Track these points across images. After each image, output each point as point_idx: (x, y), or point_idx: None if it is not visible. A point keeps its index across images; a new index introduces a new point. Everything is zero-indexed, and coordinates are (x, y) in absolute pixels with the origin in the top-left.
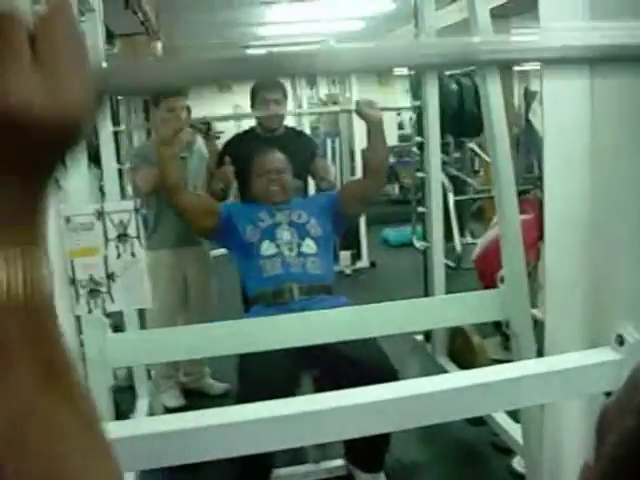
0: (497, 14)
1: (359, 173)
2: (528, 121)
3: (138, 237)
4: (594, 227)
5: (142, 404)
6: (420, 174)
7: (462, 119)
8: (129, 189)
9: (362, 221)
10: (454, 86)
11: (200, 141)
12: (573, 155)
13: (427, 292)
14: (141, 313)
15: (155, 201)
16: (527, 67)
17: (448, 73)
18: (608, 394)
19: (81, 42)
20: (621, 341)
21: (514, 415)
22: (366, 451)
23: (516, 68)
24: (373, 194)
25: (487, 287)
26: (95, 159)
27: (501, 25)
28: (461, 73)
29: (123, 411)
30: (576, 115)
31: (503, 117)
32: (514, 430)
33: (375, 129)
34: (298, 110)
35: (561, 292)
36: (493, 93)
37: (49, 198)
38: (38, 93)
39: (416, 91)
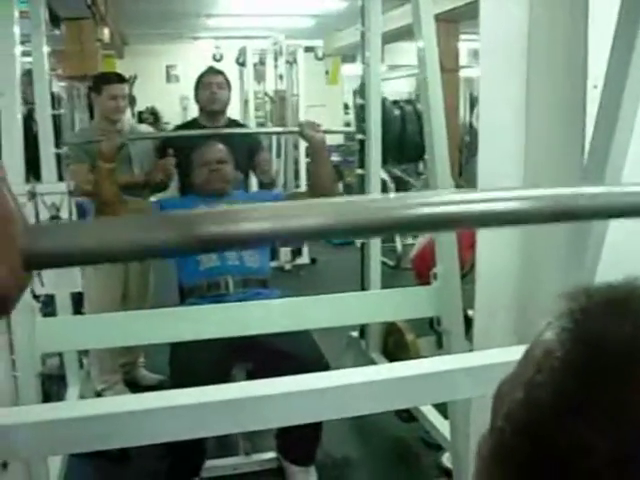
0: (445, 19)
1: (303, 169)
2: (472, 125)
3: (70, 220)
4: (524, 231)
5: (72, 392)
6: (360, 171)
7: (404, 145)
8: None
9: None
10: (396, 112)
11: (143, 128)
12: (506, 157)
13: (364, 288)
14: (76, 301)
15: None
16: (472, 74)
17: (391, 99)
18: None
19: (9, 215)
20: None
21: (444, 411)
22: (297, 444)
23: (462, 75)
24: None
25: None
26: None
27: (451, 30)
28: (404, 100)
29: (53, 400)
30: (511, 117)
31: (442, 117)
32: (443, 426)
33: (318, 150)
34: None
35: (491, 291)
36: (433, 92)
37: None
38: None
39: (361, 89)
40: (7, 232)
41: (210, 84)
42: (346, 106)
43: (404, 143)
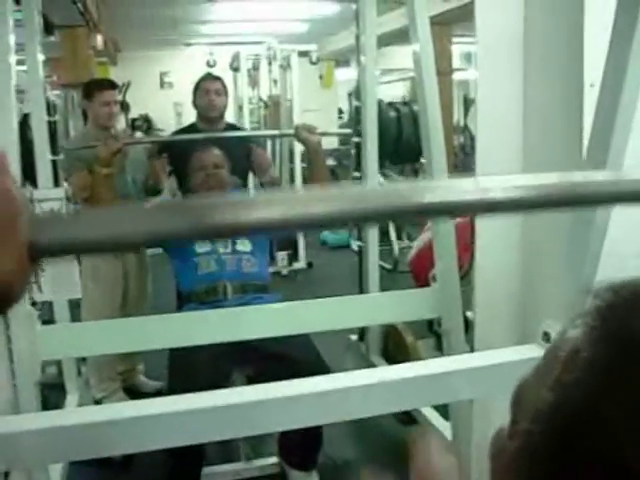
0: (438, 22)
1: (298, 174)
2: (466, 126)
3: None
4: (523, 230)
5: (71, 400)
6: (356, 174)
7: (400, 147)
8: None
9: None
10: (393, 114)
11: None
12: (504, 158)
13: (362, 292)
14: (73, 307)
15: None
16: (466, 76)
17: (387, 101)
18: None
19: (14, 207)
20: (547, 338)
21: (445, 413)
22: (299, 449)
23: (456, 77)
24: None
25: (421, 288)
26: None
27: (444, 32)
28: (400, 102)
29: (52, 408)
30: (508, 119)
31: (439, 119)
32: (444, 428)
33: (314, 152)
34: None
35: (491, 291)
36: (430, 95)
37: None
38: None
39: (357, 94)
40: (12, 222)
41: (208, 91)
42: (340, 111)
43: (400, 145)
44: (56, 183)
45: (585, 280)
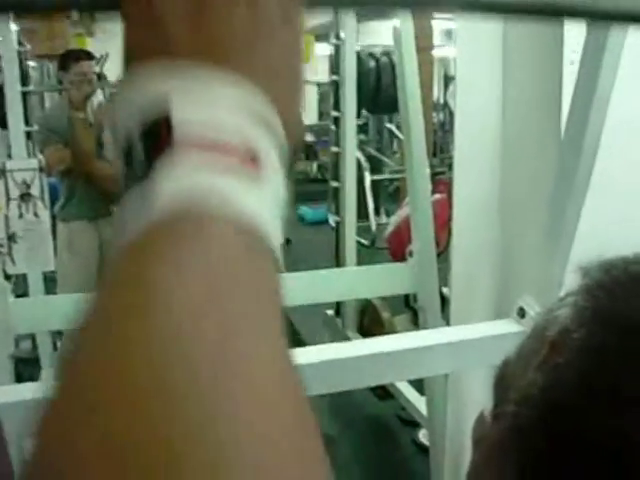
0: None
1: None
2: (446, 103)
3: (42, 198)
4: (500, 205)
5: (46, 375)
6: (335, 149)
7: (379, 96)
8: (37, 154)
9: None
10: (372, 63)
11: None
12: (483, 136)
13: (338, 266)
14: (48, 281)
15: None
16: (447, 53)
17: (368, 52)
18: None
19: None
20: (522, 314)
21: (420, 388)
22: None
23: (436, 54)
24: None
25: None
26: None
27: None
28: (381, 52)
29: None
30: (487, 97)
31: (418, 97)
32: (419, 402)
33: None
34: None
35: (467, 266)
36: (409, 72)
37: None
38: None
39: (336, 66)
40: None
41: None
42: (319, 85)
43: (379, 94)
44: (29, 154)
45: (563, 256)
